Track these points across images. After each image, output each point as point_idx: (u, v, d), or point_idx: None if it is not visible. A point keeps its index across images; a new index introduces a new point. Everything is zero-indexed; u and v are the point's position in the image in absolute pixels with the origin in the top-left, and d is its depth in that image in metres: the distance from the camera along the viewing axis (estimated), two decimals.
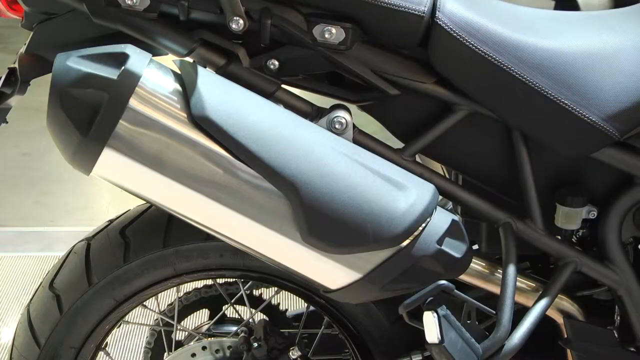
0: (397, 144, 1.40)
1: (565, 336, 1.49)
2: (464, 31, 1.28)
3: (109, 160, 1.15)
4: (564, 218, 1.44)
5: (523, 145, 1.39)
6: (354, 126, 1.33)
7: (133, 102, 1.13)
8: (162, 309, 1.80)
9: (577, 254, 1.44)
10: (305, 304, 1.70)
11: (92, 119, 1.12)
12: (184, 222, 1.24)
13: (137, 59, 1.15)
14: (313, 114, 1.33)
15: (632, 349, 1.50)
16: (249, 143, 1.15)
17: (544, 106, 1.31)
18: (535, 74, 1.30)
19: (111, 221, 1.59)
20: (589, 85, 1.32)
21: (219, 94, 1.17)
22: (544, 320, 1.39)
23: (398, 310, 1.24)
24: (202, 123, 1.15)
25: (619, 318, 1.53)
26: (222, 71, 1.29)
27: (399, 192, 1.21)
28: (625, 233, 1.47)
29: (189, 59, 1.29)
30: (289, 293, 1.63)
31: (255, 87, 1.29)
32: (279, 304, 1.84)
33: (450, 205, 1.63)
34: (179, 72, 1.20)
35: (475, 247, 1.55)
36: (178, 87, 1.17)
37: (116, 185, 1.20)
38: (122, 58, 1.14)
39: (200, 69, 1.19)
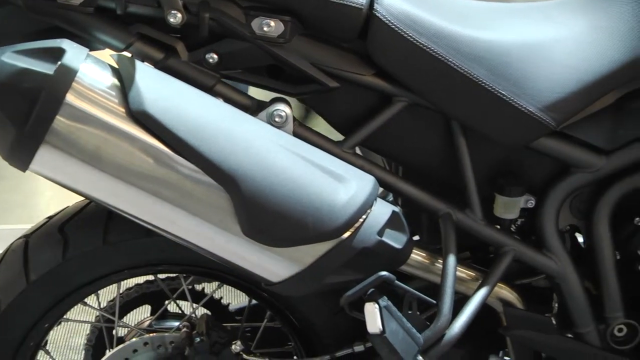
0: (337, 136, 1.40)
1: (505, 324, 1.51)
2: (402, 23, 1.29)
3: (46, 156, 1.13)
4: (502, 207, 1.45)
5: (462, 136, 1.40)
6: (294, 119, 1.33)
7: (70, 98, 1.12)
8: (103, 306, 1.78)
9: (516, 242, 1.45)
10: (248, 298, 1.69)
11: (28, 115, 1.11)
12: (124, 218, 1.23)
13: (73, 53, 1.14)
14: (253, 107, 1.33)
15: (570, 335, 1.53)
16: (188, 137, 1.14)
17: (481, 97, 1.32)
18: (473, 65, 1.31)
19: (50, 218, 1.56)
20: (526, 75, 1.34)
21: (158, 89, 1.16)
22: (484, 309, 1.41)
23: (340, 302, 1.25)
24: (141, 118, 1.14)
25: (556, 305, 1.55)
26: (160, 65, 1.28)
27: (340, 185, 1.21)
28: (562, 221, 1.49)
29: (127, 54, 1.27)
30: (232, 287, 1.63)
31: (195, 81, 1.28)
32: (221, 298, 1.83)
33: (390, 196, 1.63)
34: (116, 66, 1.19)
35: (416, 238, 1.57)
36: (116, 81, 1.16)
37: (54, 182, 1.19)
38: (58, 53, 1.13)
39: (138, 63, 1.18)
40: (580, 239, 1.58)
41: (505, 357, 1.67)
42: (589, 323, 1.51)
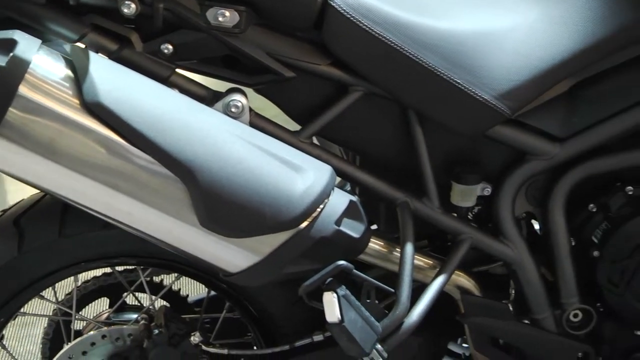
0: (294, 126, 1.40)
1: (462, 311, 1.52)
2: (357, 12, 1.29)
3: (0, 148, 1.12)
4: (459, 196, 1.46)
5: (418, 124, 1.41)
6: (251, 109, 1.32)
7: (23, 90, 1.11)
8: (60, 299, 1.76)
9: (473, 230, 1.46)
10: (207, 289, 1.69)
11: None
12: (80, 210, 1.22)
13: (25, 45, 1.13)
14: (209, 98, 1.32)
15: (527, 321, 1.54)
16: (143, 128, 1.14)
17: (437, 86, 1.33)
18: (428, 54, 1.32)
19: (4, 211, 1.55)
20: (481, 64, 1.34)
21: (112, 80, 1.15)
22: (442, 297, 1.42)
23: (298, 292, 1.25)
24: (95, 109, 1.13)
25: (513, 292, 1.57)
26: (114, 56, 1.27)
27: (297, 175, 1.21)
28: (518, 209, 1.51)
29: (81, 45, 1.26)
30: (190, 279, 1.62)
31: (150, 72, 1.27)
32: (179, 289, 1.82)
33: (348, 186, 1.64)
34: (70, 58, 1.18)
35: (374, 227, 1.57)
36: (69, 73, 1.15)
37: (8, 175, 1.18)
38: (10, 44, 1.11)
39: (92, 54, 1.17)
40: (537, 226, 1.59)
41: (464, 344, 1.68)
42: (545, 309, 1.52)
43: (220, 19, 1.26)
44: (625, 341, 1.60)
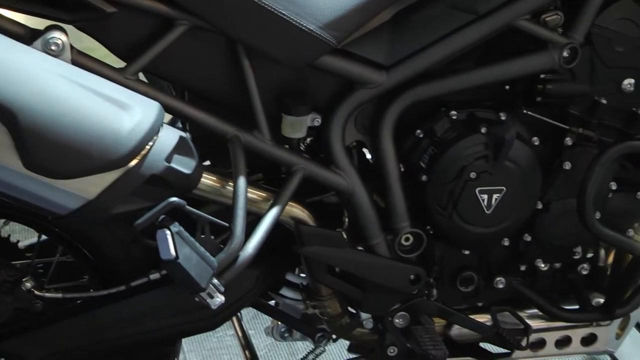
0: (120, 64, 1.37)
1: (298, 241, 1.54)
2: None
3: None
4: (289, 127, 1.47)
5: (246, 58, 1.40)
6: (72, 47, 1.29)
7: None
8: None
9: (305, 161, 1.48)
10: (38, 233, 1.65)
11: None
12: None
13: None
14: (26, 36, 1.27)
15: (361, 248, 1.57)
16: None
17: (261, 17, 1.32)
18: None
19: None
20: None
21: None
22: (278, 228, 1.43)
23: (132, 231, 1.24)
24: None
25: (347, 220, 1.60)
26: None
27: (123, 112, 1.19)
28: (348, 138, 1.53)
29: None
30: (19, 223, 1.58)
31: None
32: (9, 235, 1.77)
33: (179, 123, 1.62)
34: None
35: (207, 163, 1.56)
36: None
37: None
38: None
39: None
40: (368, 155, 1.62)
41: (301, 274, 1.71)
42: (378, 235, 1.56)
43: None
44: (454, 261, 1.66)
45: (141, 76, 1.40)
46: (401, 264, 1.58)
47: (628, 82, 1.59)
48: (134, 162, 1.19)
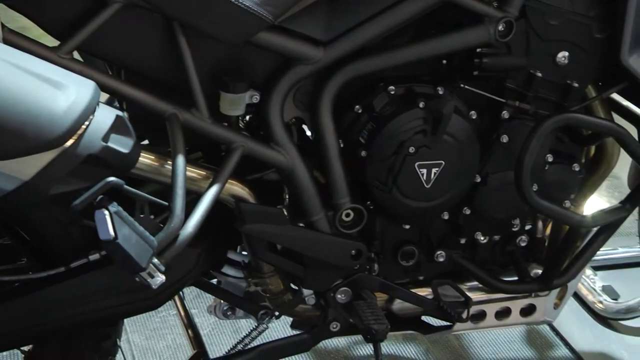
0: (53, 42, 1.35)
1: (239, 219, 1.53)
2: None
3: None
4: (228, 105, 1.46)
5: (182, 35, 1.39)
6: (4, 26, 1.26)
7: None
8: None
9: (244, 138, 1.47)
10: None
11: None
12: None
13: None
14: None
15: (302, 225, 1.58)
16: None
17: None
18: None
19: None
20: None
21: None
22: (218, 206, 1.43)
23: (70, 212, 1.22)
24: None
25: (287, 197, 1.60)
26: None
27: (58, 92, 1.17)
28: (287, 114, 1.53)
29: None
30: None
31: None
32: None
33: (117, 102, 1.60)
34: None
35: (146, 142, 1.55)
36: None
37: None
38: None
39: None
40: (308, 131, 1.62)
41: (243, 252, 1.70)
42: (319, 211, 1.56)
43: None
44: (395, 236, 1.67)
45: (76, 55, 1.38)
46: (342, 239, 1.58)
47: (562, 55, 1.61)
48: (70, 142, 1.18)
